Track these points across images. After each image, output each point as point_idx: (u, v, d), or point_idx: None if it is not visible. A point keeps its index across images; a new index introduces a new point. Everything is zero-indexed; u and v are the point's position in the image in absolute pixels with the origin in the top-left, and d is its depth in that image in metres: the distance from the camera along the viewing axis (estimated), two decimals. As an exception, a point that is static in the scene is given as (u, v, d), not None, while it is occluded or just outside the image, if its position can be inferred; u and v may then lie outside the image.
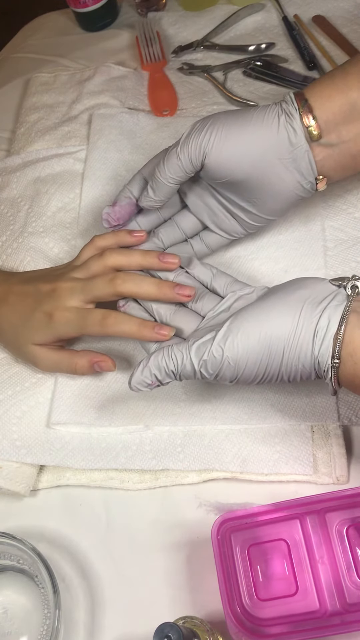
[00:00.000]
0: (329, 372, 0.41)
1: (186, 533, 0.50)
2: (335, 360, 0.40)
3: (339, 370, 0.41)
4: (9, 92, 0.82)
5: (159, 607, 0.47)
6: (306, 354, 0.41)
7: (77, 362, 0.52)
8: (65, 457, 0.52)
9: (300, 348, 0.41)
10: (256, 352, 0.42)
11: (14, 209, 0.67)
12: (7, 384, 0.56)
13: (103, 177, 0.67)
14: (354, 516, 0.44)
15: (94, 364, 0.52)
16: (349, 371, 0.41)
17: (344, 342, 0.40)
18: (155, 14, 0.84)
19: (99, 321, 0.50)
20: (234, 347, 0.43)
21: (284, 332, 0.42)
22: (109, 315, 0.50)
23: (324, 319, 0.41)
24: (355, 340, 0.40)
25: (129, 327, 0.49)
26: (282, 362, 0.42)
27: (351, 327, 0.40)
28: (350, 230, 0.59)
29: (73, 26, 0.88)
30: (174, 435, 0.52)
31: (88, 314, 0.50)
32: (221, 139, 0.48)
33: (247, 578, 0.44)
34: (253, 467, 0.50)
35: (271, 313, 0.43)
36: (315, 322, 0.41)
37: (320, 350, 0.41)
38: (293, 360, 0.42)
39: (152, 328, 0.49)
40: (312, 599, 0.42)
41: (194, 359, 0.44)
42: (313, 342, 0.41)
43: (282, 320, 0.42)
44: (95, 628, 0.48)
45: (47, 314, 0.51)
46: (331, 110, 0.48)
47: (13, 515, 0.53)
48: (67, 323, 0.51)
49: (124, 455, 0.52)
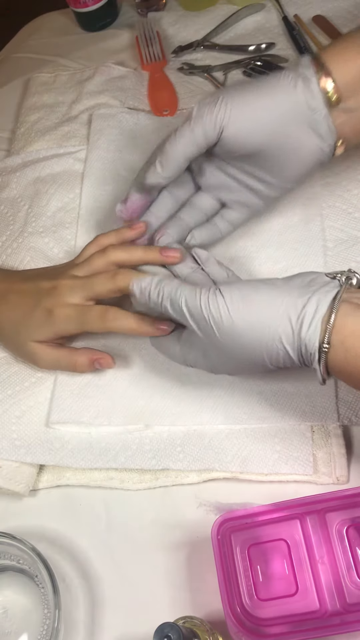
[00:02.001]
0: (316, 356, 0.40)
1: (186, 533, 0.50)
2: (325, 346, 0.39)
3: (328, 357, 0.40)
4: (9, 92, 0.82)
5: (159, 607, 0.47)
6: (289, 336, 0.40)
7: (77, 359, 0.52)
8: (64, 457, 0.52)
9: (284, 329, 0.40)
10: (239, 320, 0.42)
11: (14, 209, 0.67)
12: (6, 383, 0.56)
13: (103, 177, 0.67)
14: (354, 516, 0.44)
15: (93, 361, 0.52)
16: (339, 358, 0.40)
17: (334, 329, 0.39)
18: (155, 14, 0.84)
19: (98, 317, 0.50)
20: (218, 306, 0.42)
21: (269, 312, 0.41)
22: (108, 310, 0.50)
23: (312, 302, 0.40)
24: (348, 327, 0.39)
25: (128, 322, 0.49)
26: (263, 342, 0.41)
27: (342, 315, 0.39)
28: (350, 230, 0.59)
29: (73, 26, 0.88)
30: (173, 435, 0.52)
31: (88, 310, 0.50)
32: (238, 110, 0.47)
33: (247, 578, 0.44)
34: (253, 467, 0.50)
35: (260, 289, 0.42)
36: (302, 305, 0.40)
37: (309, 333, 0.40)
38: (276, 341, 0.41)
39: (152, 323, 0.49)
40: (312, 599, 0.42)
41: (182, 299, 0.44)
42: (300, 326, 0.40)
43: (268, 298, 0.41)
44: (95, 628, 0.48)
45: (47, 310, 0.51)
46: (350, 73, 0.46)
47: (13, 515, 0.53)
48: (67, 320, 0.51)
49: (123, 455, 0.52)
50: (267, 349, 0.42)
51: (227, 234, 0.57)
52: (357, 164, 0.62)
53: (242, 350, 0.43)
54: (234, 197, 0.54)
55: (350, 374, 0.40)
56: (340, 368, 0.40)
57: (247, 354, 0.43)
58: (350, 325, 0.39)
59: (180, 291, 0.45)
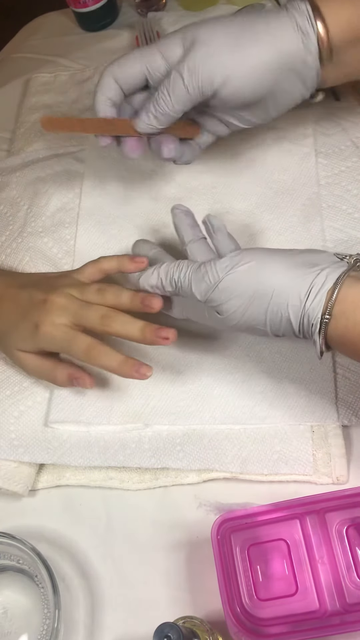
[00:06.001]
0: (317, 327, 0.41)
1: (186, 533, 0.50)
2: (327, 317, 0.41)
3: (329, 328, 0.41)
4: (9, 92, 0.82)
5: (159, 607, 0.47)
6: (295, 304, 0.42)
7: (57, 374, 0.52)
8: (62, 455, 0.52)
9: (290, 297, 0.42)
10: (245, 285, 0.43)
11: (13, 208, 0.67)
12: (5, 384, 0.56)
13: (103, 177, 0.67)
14: (354, 516, 0.44)
15: (72, 379, 0.52)
16: (340, 329, 0.41)
17: (337, 300, 0.41)
18: (155, 14, 0.84)
19: (82, 350, 0.49)
20: (226, 274, 0.44)
21: (277, 279, 0.42)
22: (94, 347, 0.49)
23: (322, 276, 0.41)
24: (349, 298, 0.41)
25: (112, 361, 0.49)
26: (268, 307, 0.43)
27: (346, 287, 0.41)
28: (350, 230, 0.59)
29: (73, 26, 0.88)
30: (173, 434, 0.52)
31: (74, 338, 0.50)
32: (234, 65, 0.48)
33: (247, 578, 0.44)
34: (253, 467, 0.50)
35: (274, 258, 0.43)
36: (312, 278, 0.41)
37: (312, 305, 0.41)
38: (281, 307, 0.42)
39: (133, 366, 0.49)
40: (312, 599, 0.42)
41: (193, 275, 0.46)
42: (307, 295, 0.41)
43: (278, 267, 0.43)
44: (95, 628, 0.48)
45: (34, 324, 0.50)
46: (345, 26, 0.48)
47: (13, 515, 0.53)
48: (51, 340, 0.50)
49: (122, 453, 0.52)
50: (276, 317, 0.43)
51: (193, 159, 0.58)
52: (357, 164, 0.62)
53: (253, 317, 0.44)
54: (207, 127, 0.56)
55: (349, 343, 0.41)
56: (340, 338, 0.41)
57: (257, 319, 0.44)
58: (351, 297, 0.40)
59: (187, 278, 0.46)
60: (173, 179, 0.65)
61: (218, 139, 0.57)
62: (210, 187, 0.64)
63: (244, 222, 0.61)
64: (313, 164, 0.63)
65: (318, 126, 0.65)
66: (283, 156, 0.64)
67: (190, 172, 0.65)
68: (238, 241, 0.49)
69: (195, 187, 0.65)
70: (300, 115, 0.65)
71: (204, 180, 0.65)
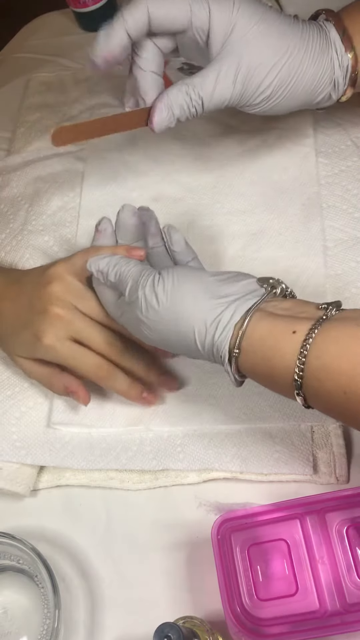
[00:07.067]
0: (226, 359, 0.41)
1: (186, 533, 0.50)
2: (235, 350, 0.41)
3: (239, 360, 0.41)
4: (9, 92, 0.81)
5: (159, 607, 0.47)
6: (201, 335, 0.42)
7: (54, 384, 0.52)
8: (65, 458, 0.52)
9: (199, 329, 0.42)
10: (164, 309, 0.43)
11: (14, 207, 0.67)
12: (5, 384, 0.56)
13: (103, 177, 0.67)
14: (354, 516, 0.44)
15: (69, 392, 0.51)
16: (249, 362, 0.41)
17: (245, 335, 0.40)
18: (155, 14, 0.83)
19: (90, 370, 0.50)
20: (153, 290, 0.43)
21: (191, 309, 0.42)
22: (103, 368, 0.50)
23: (230, 309, 0.41)
24: (256, 333, 0.40)
25: (120, 385, 0.50)
26: (178, 330, 0.43)
27: (254, 321, 0.40)
28: (350, 230, 0.59)
29: (73, 26, 0.88)
30: (174, 436, 0.52)
31: (82, 357, 0.50)
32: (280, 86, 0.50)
33: (247, 578, 0.44)
34: (253, 467, 0.50)
35: (193, 283, 0.43)
36: (220, 311, 0.41)
37: (220, 338, 0.41)
38: (189, 335, 0.42)
39: (140, 392, 0.51)
40: (312, 599, 0.42)
41: (133, 276, 0.45)
42: (215, 329, 0.41)
43: (194, 295, 0.42)
44: (95, 628, 0.48)
45: (34, 335, 0.49)
46: None
47: (13, 515, 0.53)
48: (54, 354, 0.49)
49: (124, 456, 0.52)
50: (185, 341, 0.43)
51: None
52: (357, 164, 0.62)
53: (164, 335, 0.44)
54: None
55: (260, 376, 0.42)
56: (250, 370, 0.41)
57: (168, 339, 0.44)
58: (258, 332, 0.40)
59: (129, 274, 0.45)
60: (173, 179, 0.65)
61: None
62: (210, 187, 0.64)
63: (244, 222, 0.61)
64: (313, 164, 0.63)
65: (318, 126, 0.65)
66: (283, 156, 0.64)
67: (190, 172, 0.65)
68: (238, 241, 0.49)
69: (195, 187, 0.64)
70: (300, 115, 0.64)
71: (204, 180, 0.65)
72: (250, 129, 0.67)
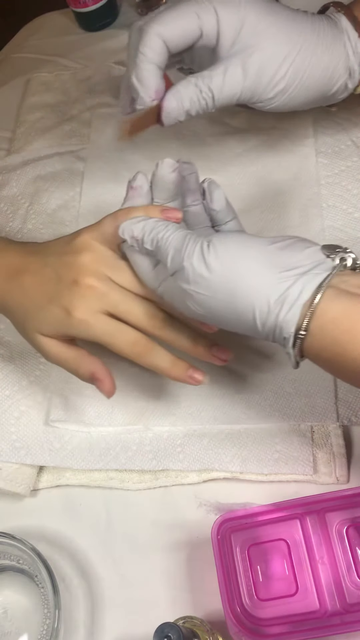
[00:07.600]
0: (291, 341, 0.37)
1: (186, 533, 0.50)
2: (302, 332, 0.37)
3: (304, 342, 0.37)
4: (9, 91, 0.81)
5: (159, 607, 0.47)
6: (263, 314, 0.38)
7: (79, 369, 0.47)
8: (65, 458, 0.52)
9: (260, 307, 0.37)
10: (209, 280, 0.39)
11: (14, 206, 0.67)
12: (3, 383, 0.56)
13: (104, 176, 0.67)
14: (354, 516, 0.44)
15: (94, 379, 0.46)
16: (316, 344, 0.37)
17: (315, 315, 0.36)
18: (155, 14, 0.83)
19: (128, 345, 0.45)
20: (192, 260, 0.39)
21: (252, 284, 0.38)
22: (141, 343, 0.45)
23: (298, 285, 0.37)
24: (329, 314, 0.36)
25: (162, 362, 0.45)
26: (236, 308, 0.38)
27: (325, 301, 0.36)
28: (350, 230, 0.59)
29: (73, 26, 0.88)
30: (173, 436, 0.52)
31: (118, 331, 0.45)
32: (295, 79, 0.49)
33: (247, 578, 0.44)
34: (253, 467, 0.50)
35: (251, 255, 0.39)
36: (287, 286, 0.37)
37: (286, 317, 0.37)
38: (248, 313, 0.38)
39: (186, 370, 0.45)
40: (312, 599, 0.42)
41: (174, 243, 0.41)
42: (280, 307, 0.37)
43: (250, 264, 0.38)
44: (95, 628, 0.48)
45: (64, 310, 0.44)
46: None
47: (13, 515, 0.53)
48: (87, 329, 0.44)
49: (124, 456, 0.52)
50: (241, 318, 0.39)
51: None
52: (357, 164, 0.62)
53: (215, 311, 0.40)
54: None
55: (326, 360, 0.38)
56: (317, 354, 0.38)
57: (221, 315, 0.40)
58: (331, 312, 0.36)
59: (169, 241, 0.41)
60: (173, 178, 0.65)
61: None
62: (210, 187, 0.64)
63: (244, 222, 0.61)
64: (313, 164, 0.63)
65: (318, 126, 0.65)
66: (283, 156, 0.64)
67: (191, 171, 0.65)
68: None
69: (195, 187, 0.64)
70: (301, 115, 0.65)
71: (204, 180, 0.65)
72: (251, 129, 0.67)
